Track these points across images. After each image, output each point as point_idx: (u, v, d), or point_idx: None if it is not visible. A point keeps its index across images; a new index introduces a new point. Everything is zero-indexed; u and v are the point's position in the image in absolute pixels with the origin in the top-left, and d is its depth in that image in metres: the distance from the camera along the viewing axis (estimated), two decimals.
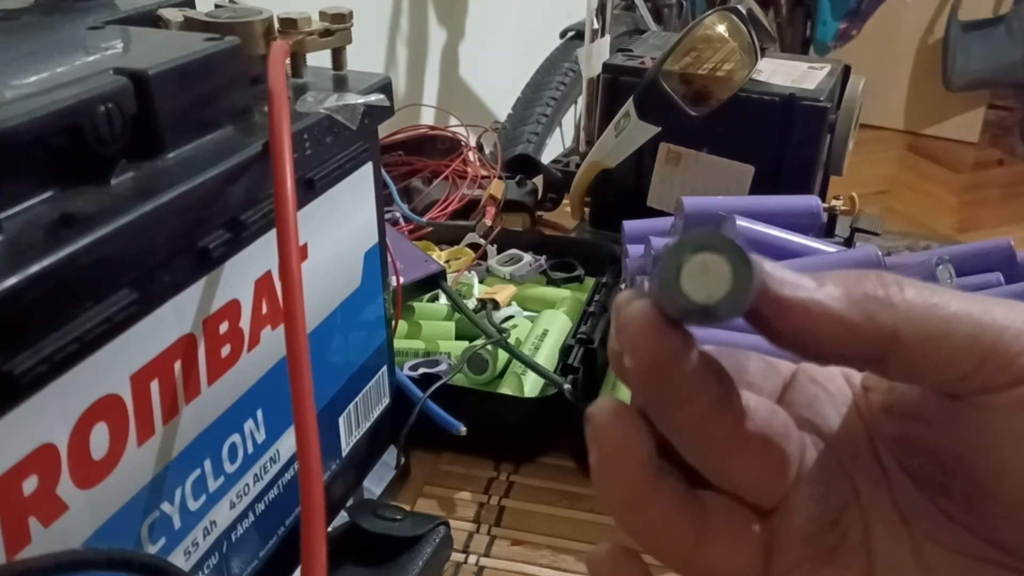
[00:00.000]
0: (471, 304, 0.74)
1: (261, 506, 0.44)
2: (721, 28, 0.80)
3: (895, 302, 0.21)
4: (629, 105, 0.81)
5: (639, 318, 0.21)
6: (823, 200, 0.85)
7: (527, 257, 0.82)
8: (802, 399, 0.25)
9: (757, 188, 0.82)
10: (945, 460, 0.23)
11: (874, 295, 0.21)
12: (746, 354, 0.25)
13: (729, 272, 0.20)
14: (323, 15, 0.49)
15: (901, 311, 0.21)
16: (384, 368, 0.55)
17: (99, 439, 0.32)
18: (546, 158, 1.29)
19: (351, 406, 0.51)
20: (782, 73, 0.84)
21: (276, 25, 0.46)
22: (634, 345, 0.21)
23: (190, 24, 0.45)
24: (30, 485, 0.30)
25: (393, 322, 0.58)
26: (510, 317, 0.75)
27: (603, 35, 1.04)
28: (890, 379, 0.23)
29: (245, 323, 0.40)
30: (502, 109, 1.54)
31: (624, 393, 0.67)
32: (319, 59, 0.49)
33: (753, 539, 0.24)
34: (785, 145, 0.81)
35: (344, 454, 0.52)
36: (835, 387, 0.25)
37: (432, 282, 0.72)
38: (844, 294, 0.21)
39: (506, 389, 0.66)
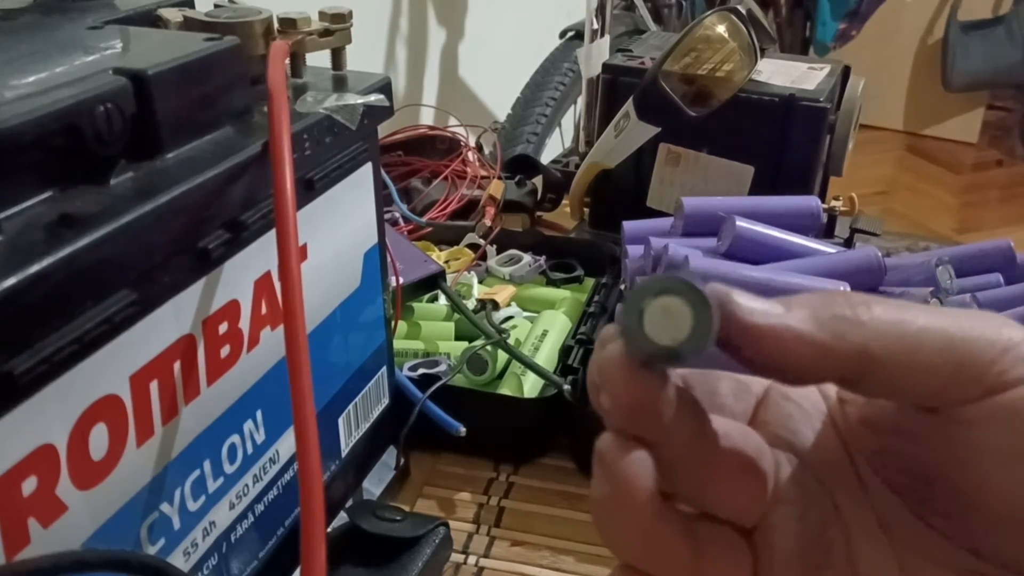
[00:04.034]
0: (471, 305, 0.74)
1: (260, 507, 0.43)
2: (721, 28, 0.80)
3: (863, 320, 0.21)
4: (629, 105, 0.81)
5: (614, 362, 0.21)
6: (823, 201, 0.85)
7: (527, 257, 0.82)
8: (776, 418, 0.25)
9: (757, 188, 0.82)
10: (926, 473, 0.23)
11: (842, 315, 0.21)
12: (717, 375, 0.26)
13: (689, 313, 0.20)
14: (323, 15, 0.49)
15: (870, 328, 0.21)
16: (384, 369, 0.55)
17: (98, 440, 0.32)
18: (546, 158, 1.29)
19: (351, 407, 0.51)
20: (782, 74, 0.84)
21: (276, 25, 0.46)
22: (612, 388, 0.22)
23: (189, 24, 0.44)
24: (29, 486, 0.30)
25: (393, 322, 0.58)
26: (510, 318, 0.75)
27: (603, 35, 1.04)
28: (868, 396, 0.23)
29: (245, 323, 0.40)
30: (501, 109, 1.54)
31: None
32: (319, 59, 0.49)
33: (742, 561, 0.24)
34: (785, 145, 0.81)
35: (344, 455, 0.52)
36: (809, 403, 0.25)
37: (432, 282, 0.72)
38: (811, 316, 0.21)
39: (506, 390, 0.66)
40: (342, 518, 0.54)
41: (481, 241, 0.85)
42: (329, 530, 0.52)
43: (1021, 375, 0.21)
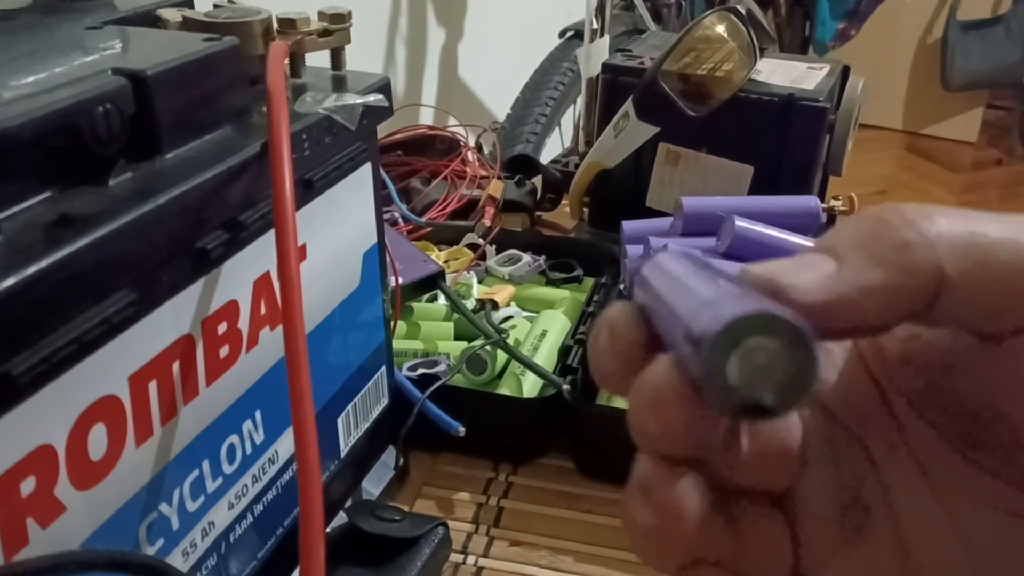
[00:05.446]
0: (470, 304, 0.74)
1: (259, 507, 0.43)
2: (720, 28, 0.80)
3: (931, 238, 0.18)
4: (628, 105, 0.81)
5: (669, 393, 0.19)
6: (822, 200, 0.85)
7: (526, 257, 0.82)
8: None
9: (756, 188, 0.82)
10: (976, 409, 0.21)
11: (903, 241, 0.18)
12: None
13: (786, 361, 0.16)
14: (322, 15, 0.49)
15: (940, 247, 0.18)
16: (383, 368, 0.55)
17: (97, 440, 0.32)
18: (545, 158, 1.29)
19: (350, 407, 0.51)
20: (781, 73, 0.84)
21: (275, 25, 0.46)
22: (666, 420, 0.19)
23: (189, 24, 0.44)
24: (28, 486, 0.30)
25: (392, 322, 0.58)
26: (509, 317, 0.75)
27: (602, 35, 1.04)
28: (936, 326, 0.21)
29: (244, 324, 0.40)
30: (501, 109, 1.54)
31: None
32: (318, 59, 0.49)
33: (780, 536, 0.22)
34: (784, 145, 0.81)
35: (343, 455, 0.52)
36: (836, 344, 0.23)
37: (431, 282, 0.72)
38: (869, 259, 0.18)
39: (505, 390, 0.66)
40: (341, 518, 0.54)
41: (480, 241, 0.85)
42: (328, 530, 0.52)
43: None
